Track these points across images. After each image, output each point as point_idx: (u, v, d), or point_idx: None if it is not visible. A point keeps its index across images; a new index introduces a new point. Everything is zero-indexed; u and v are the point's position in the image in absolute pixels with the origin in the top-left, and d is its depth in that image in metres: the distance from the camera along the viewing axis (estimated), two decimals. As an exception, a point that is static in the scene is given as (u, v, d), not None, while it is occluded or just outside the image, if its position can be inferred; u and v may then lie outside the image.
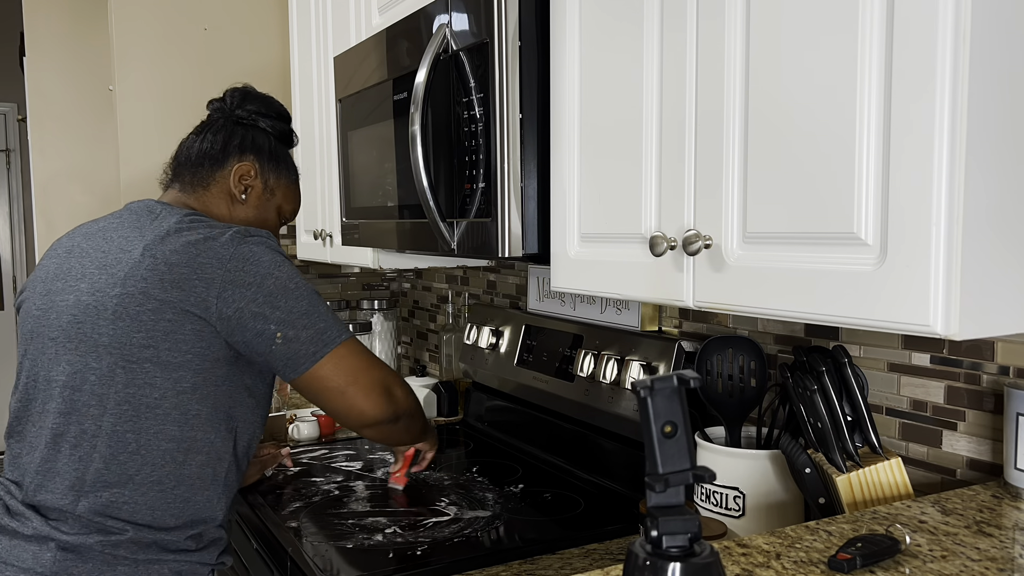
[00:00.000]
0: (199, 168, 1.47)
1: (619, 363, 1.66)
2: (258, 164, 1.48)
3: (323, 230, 2.30)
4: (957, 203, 0.77)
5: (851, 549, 0.88)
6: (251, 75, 2.68)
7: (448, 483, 1.77)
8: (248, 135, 1.49)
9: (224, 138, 1.48)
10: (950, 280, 0.78)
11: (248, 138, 1.49)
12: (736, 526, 1.28)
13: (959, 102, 0.76)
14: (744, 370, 1.34)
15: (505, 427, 2.11)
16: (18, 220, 5.74)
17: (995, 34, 0.78)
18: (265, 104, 1.53)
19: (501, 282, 2.32)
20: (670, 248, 1.06)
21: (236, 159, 1.47)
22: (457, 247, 1.41)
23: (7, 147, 5.68)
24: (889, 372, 1.29)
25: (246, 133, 1.49)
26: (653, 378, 0.68)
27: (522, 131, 1.29)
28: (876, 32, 0.82)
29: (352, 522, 1.55)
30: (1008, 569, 0.88)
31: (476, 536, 1.46)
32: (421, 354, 2.85)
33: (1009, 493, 1.09)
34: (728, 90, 0.98)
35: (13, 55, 4.71)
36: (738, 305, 0.99)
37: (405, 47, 1.57)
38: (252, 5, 2.69)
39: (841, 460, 1.14)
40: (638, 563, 0.69)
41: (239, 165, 1.46)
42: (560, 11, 1.25)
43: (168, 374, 1.24)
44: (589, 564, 1.35)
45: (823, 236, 0.89)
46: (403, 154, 1.59)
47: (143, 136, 2.58)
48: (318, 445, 2.12)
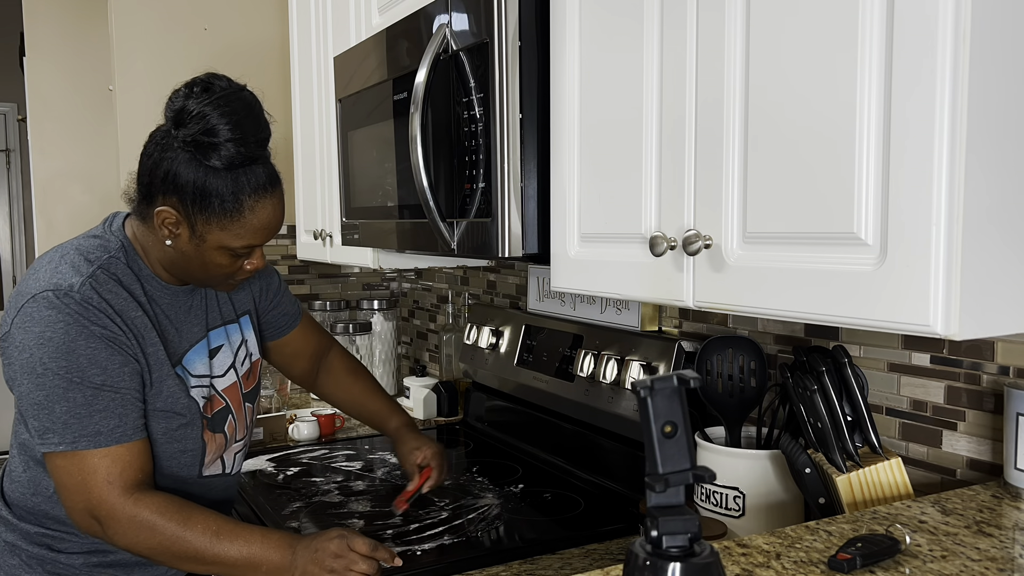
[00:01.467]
0: (138, 196, 1.30)
1: (619, 363, 1.66)
2: (180, 207, 1.22)
3: (323, 230, 2.30)
4: (957, 203, 0.77)
5: (851, 549, 0.88)
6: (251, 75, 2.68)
7: (448, 483, 1.77)
8: (169, 166, 1.22)
9: (149, 167, 1.25)
10: (950, 280, 0.78)
11: (170, 172, 1.22)
12: (736, 526, 1.28)
13: (959, 102, 0.76)
14: (744, 370, 1.34)
15: (505, 427, 2.11)
16: (18, 220, 5.74)
17: (995, 34, 0.78)
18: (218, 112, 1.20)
19: (501, 282, 2.32)
20: (670, 248, 1.06)
21: (161, 199, 1.24)
22: (457, 247, 1.41)
23: (7, 147, 5.69)
24: (889, 372, 1.29)
25: (172, 163, 1.22)
26: (653, 378, 0.68)
27: (522, 131, 1.29)
28: (876, 32, 0.82)
29: (352, 522, 1.55)
30: (1008, 569, 0.88)
31: (476, 536, 1.46)
32: (421, 354, 2.85)
33: (1009, 493, 1.09)
34: (728, 90, 0.98)
35: (13, 55, 4.71)
36: (738, 305, 0.99)
37: (405, 47, 1.57)
38: (252, 5, 2.69)
39: (841, 460, 1.14)
40: (638, 563, 0.69)
41: (160, 209, 1.24)
42: (560, 11, 1.25)
43: None
44: (589, 564, 1.35)
45: (823, 236, 0.89)
46: (403, 154, 1.59)
47: (143, 136, 2.56)
48: (318, 445, 2.12)
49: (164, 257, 1.30)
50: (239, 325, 1.49)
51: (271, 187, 1.26)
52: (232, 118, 1.20)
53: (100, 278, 1.24)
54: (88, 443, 1.20)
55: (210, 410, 1.39)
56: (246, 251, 1.28)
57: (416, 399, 2.35)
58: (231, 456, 1.45)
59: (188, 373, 1.36)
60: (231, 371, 1.44)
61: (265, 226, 1.26)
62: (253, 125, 1.23)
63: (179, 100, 1.23)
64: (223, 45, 2.65)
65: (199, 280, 1.33)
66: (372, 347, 2.65)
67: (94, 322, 1.20)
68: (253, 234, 1.26)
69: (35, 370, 1.19)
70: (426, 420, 2.34)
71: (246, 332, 1.51)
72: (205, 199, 1.21)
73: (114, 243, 1.30)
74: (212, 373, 1.40)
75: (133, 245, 1.32)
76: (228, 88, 1.24)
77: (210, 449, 1.39)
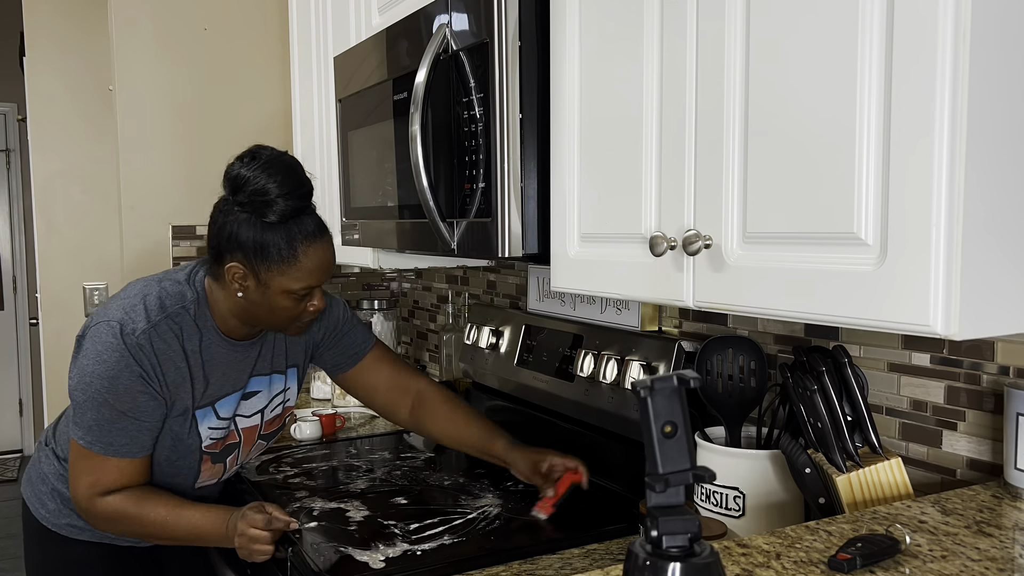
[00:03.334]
0: (210, 259, 1.47)
1: (619, 363, 1.66)
2: (245, 261, 1.40)
3: (323, 230, 2.29)
4: (957, 203, 0.77)
5: (851, 549, 0.88)
6: (251, 75, 2.68)
7: (448, 483, 1.77)
8: (231, 228, 1.40)
9: (216, 232, 1.43)
10: (950, 280, 0.78)
11: (232, 233, 1.40)
12: (736, 526, 1.28)
13: (959, 102, 0.76)
14: (744, 370, 1.34)
15: (505, 427, 2.10)
16: (18, 220, 5.74)
17: (995, 34, 0.78)
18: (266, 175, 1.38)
19: (501, 282, 2.32)
20: (670, 248, 1.06)
21: (228, 257, 1.42)
22: (457, 247, 1.41)
23: (7, 147, 5.68)
24: (889, 372, 1.29)
25: (232, 226, 1.40)
26: (653, 378, 0.68)
27: (522, 131, 1.29)
28: (876, 33, 0.82)
29: (352, 522, 1.55)
30: (1008, 569, 0.88)
31: (476, 536, 1.46)
32: (421, 354, 2.85)
33: (1009, 493, 1.09)
34: (728, 89, 0.98)
35: (13, 55, 4.71)
36: (738, 305, 0.99)
37: (405, 47, 1.57)
38: (252, 5, 2.69)
39: (841, 460, 1.14)
40: (638, 563, 0.69)
41: (229, 266, 1.42)
42: (560, 10, 1.25)
43: None
44: (589, 564, 1.35)
45: (823, 236, 0.88)
46: (403, 154, 1.59)
47: (143, 136, 2.58)
48: (319, 445, 2.12)
49: (235, 308, 1.47)
50: (285, 376, 1.65)
51: (319, 233, 1.43)
52: (278, 178, 1.38)
53: (161, 328, 1.44)
54: (101, 449, 1.44)
55: (220, 446, 1.57)
56: (306, 292, 1.43)
57: (416, 399, 2.35)
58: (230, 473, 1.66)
59: (215, 415, 1.54)
60: (257, 415, 1.62)
61: (319, 267, 1.43)
62: (296, 182, 1.40)
63: (234, 170, 1.41)
64: (223, 45, 2.65)
65: (270, 324, 1.49)
66: (372, 347, 2.65)
67: (139, 363, 1.42)
68: (309, 275, 1.42)
69: (84, 379, 1.43)
70: (426, 420, 2.33)
71: (290, 382, 1.67)
72: (264, 250, 1.39)
73: (191, 295, 1.49)
74: (237, 413, 1.58)
75: (207, 298, 1.50)
76: (272, 154, 1.41)
77: (204, 475, 1.58)
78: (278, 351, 1.62)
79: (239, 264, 1.41)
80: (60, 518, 1.62)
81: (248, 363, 1.56)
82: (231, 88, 2.65)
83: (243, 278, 1.42)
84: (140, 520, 1.45)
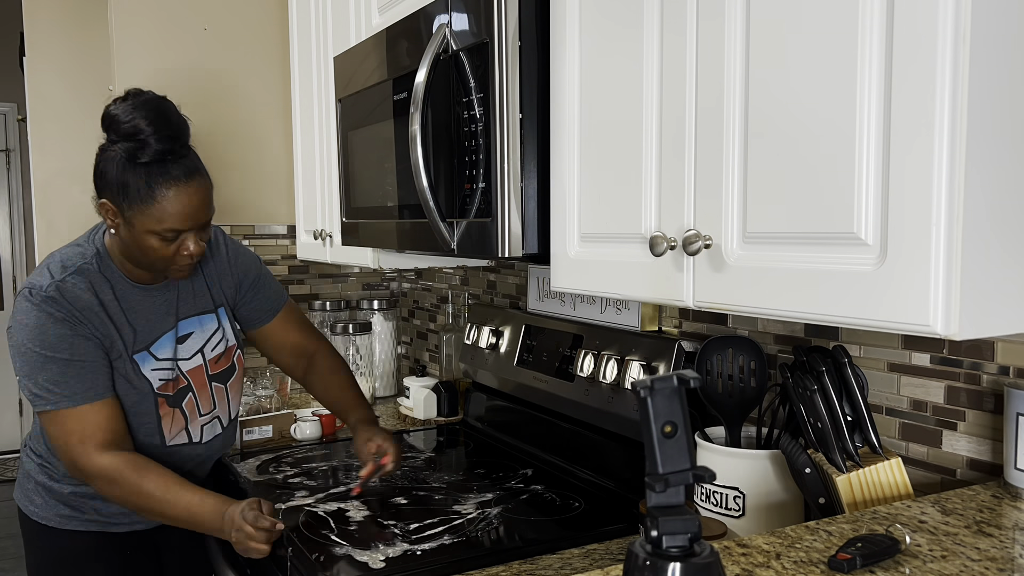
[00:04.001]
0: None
1: (619, 363, 1.66)
2: (112, 199, 1.46)
3: (323, 230, 2.30)
4: (957, 203, 0.77)
5: (851, 549, 0.88)
6: (251, 75, 2.68)
7: (448, 483, 1.77)
8: (103, 166, 1.46)
9: (94, 170, 1.48)
10: (950, 280, 0.78)
11: (102, 171, 1.46)
12: (736, 526, 1.28)
13: (959, 102, 0.76)
14: (744, 370, 1.34)
15: (505, 427, 2.11)
16: (18, 220, 5.74)
17: (995, 34, 0.78)
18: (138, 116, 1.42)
19: (501, 282, 2.32)
20: (670, 248, 1.06)
21: (100, 195, 1.48)
22: (457, 247, 1.41)
23: (7, 147, 5.68)
24: (889, 372, 1.29)
25: (103, 164, 1.46)
26: (653, 378, 0.68)
27: (522, 131, 1.29)
28: (876, 33, 0.82)
29: (352, 522, 1.55)
30: (1008, 569, 0.88)
31: (476, 536, 1.46)
32: (421, 354, 2.85)
33: (1009, 493, 1.09)
34: (728, 89, 0.98)
35: (13, 55, 4.71)
36: (738, 305, 0.99)
37: (405, 47, 1.57)
38: (252, 5, 2.69)
39: (841, 460, 1.14)
40: (638, 563, 0.69)
41: (101, 202, 1.48)
42: (560, 10, 1.25)
43: None
44: (589, 564, 1.35)
45: (823, 236, 0.88)
46: (403, 154, 1.59)
47: (143, 136, 2.57)
48: (319, 444, 2.12)
49: (123, 250, 1.52)
50: (216, 315, 1.70)
51: (185, 178, 1.44)
52: (149, 118, 1.41)
53: (67, 284, 1.49)
54: (67, 403, 1.47)
55: (172, 388, 1.62)
56: (172, 235, 1.46)
57: (416, 399, 2.35)
58: (197, 428, 1.68)
59: (153, 357, 1.59)
60: (198, 355, 1.67)
61: (180, 212, 1.45)
62: (165, 123, 1.43)
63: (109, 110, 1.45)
64: (223, 45, 2.65)
65: (148, 265, 1.52)
66: (372, 347, 2.65)
67: (57, 310, 1.47)
68: (172, 219, 1.44)
69: (19, 349, 1.48)
70: (426, 420, 2.34)
71: (223, 321, 1.72)
72: (126, 190, 1.43)
73: (90, 251, 1.55)
74: (177, 356, 1.63)
75: (108, 252, 1.56)
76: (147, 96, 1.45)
77: (167, 422, 1.62)
78: (199, 291, 1.67)
79: (108, 201, 1.46)
80: (48, 510, 1.65)
81: (169, 306, 1.62)
82: (231, 88, 2.65)
83: (113, 215, 1.47)
84: (138, 488, 1.47)
